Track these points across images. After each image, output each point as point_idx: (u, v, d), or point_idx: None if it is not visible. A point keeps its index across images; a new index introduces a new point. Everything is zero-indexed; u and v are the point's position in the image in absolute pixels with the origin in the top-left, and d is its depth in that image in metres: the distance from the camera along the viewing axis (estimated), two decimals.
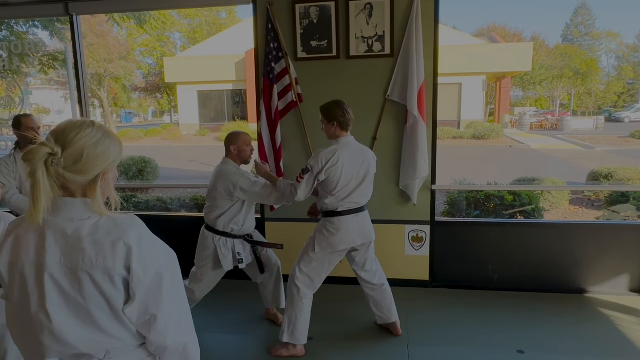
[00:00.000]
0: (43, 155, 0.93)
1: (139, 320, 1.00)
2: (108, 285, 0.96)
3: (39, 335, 0.98)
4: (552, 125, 21.80)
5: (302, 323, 2.57)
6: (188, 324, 1.10)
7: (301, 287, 2.56)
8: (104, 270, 0.95)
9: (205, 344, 2.76)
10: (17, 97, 4.22)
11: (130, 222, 1.01)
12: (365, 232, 2.61)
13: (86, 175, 0.98)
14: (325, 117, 2.52)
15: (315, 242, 2.55)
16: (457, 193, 4.96)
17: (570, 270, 3.36)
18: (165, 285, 1.01)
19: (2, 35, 6.42)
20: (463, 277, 3.49)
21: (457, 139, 16.62)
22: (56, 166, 0.94)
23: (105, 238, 0.96)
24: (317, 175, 2.43)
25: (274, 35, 3.29)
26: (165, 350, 1.05)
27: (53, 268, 0.96)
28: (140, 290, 0.97)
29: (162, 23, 12.74)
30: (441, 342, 2.73)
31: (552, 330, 2.84)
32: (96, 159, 0.98)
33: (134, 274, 0.96)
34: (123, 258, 0.96)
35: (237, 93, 20.55)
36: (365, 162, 2.53)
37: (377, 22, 3.23)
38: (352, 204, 2.52)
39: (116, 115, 30.82)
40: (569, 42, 34.52)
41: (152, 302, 0.99)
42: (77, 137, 0.96)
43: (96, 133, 0.99)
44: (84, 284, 0.95)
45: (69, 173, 0.96)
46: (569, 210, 5.91)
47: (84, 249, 0.95)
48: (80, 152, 0.96)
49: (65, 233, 0.97)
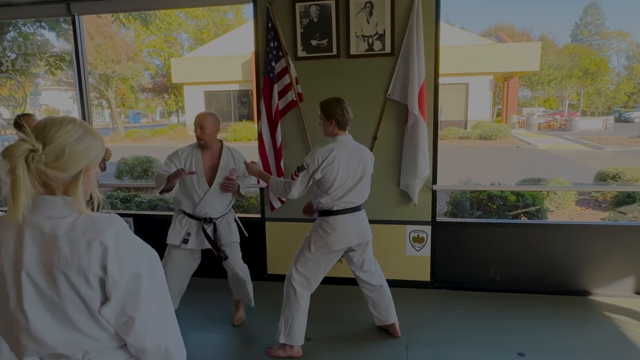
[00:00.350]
0: (23, 151, 0.91)
1: (116, 321, 0.98)
2: (83, 285, 0.94)
3: (17, 333, 0.98)
4: (560, 126, 21.59)
5: (298, 324, 2.55)
6: (170, 326, 1.08)
7: (297, 287, 2.54)
8: (78, 269, 0.93)
9: (198, 343, 2.77)
10: (20, 97, 4.25)
11: (109, 221, 0.99)
12: (362, 232, 2.58)
13: (68, 172, 0.96)
14: (323, 114, 2.48)
15: (311, 242, 2.53)
16: (460, 193, 4.91)
17: (574, 271, 3.31)
18: (144, 286, 0.99)
19: (10, 36, 6.49)
20: (464, 278, 3.45)
21: (463, 139, 16.52)
22: (37, 162, 0.92)
23: (81, 237, 0.94)
24: (312, 173, 2.41)
25: (274, 35, 3.28)
26: (145, 353, 1.02)
27: (30, 266, 0.95)
28: (117, 291, 0.95)
29: (167, 24, 12.82)
30: (441, 343, 2.70)
31: (555, 332, 2.79)
32: (78, 156, 0.97)
33: (109, 274, 0.94)
34: (99, 258, 0.94)
35: (243, 93, 20.61)
36: (362, 161, 2.50)
37: (377, 21, 3.21)
38: (348, 203, 2.49)
39: (124, 116, 31.06)
40: (578, 41, 34.15)
41: (130, 303, 0.97)
42: (58, 134, 0.95)
43: (77, 129, 0.98)
44: (59, 283, 0.94)
45: (50, 170, 0.94)
46: (575, 211, 5.83)
47: (60, 247, 0.94)
48: (61, 149, 0.94)
49: (42, 231, 0.95)
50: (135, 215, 3.94)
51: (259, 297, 3.13)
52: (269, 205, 3.55)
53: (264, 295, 3.33)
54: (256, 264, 3.68)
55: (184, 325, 2.94)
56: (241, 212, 4.96)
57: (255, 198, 4.92)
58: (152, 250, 1.05)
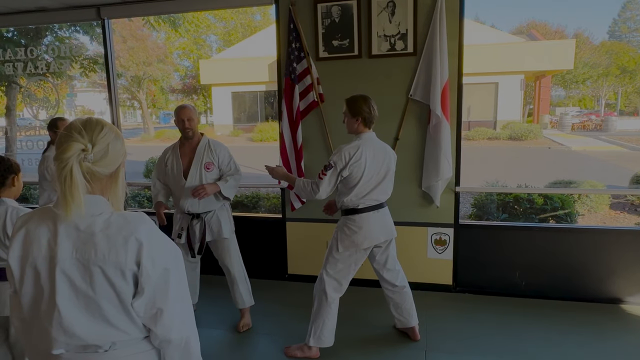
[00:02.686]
0: (77, 151, 0.98)
1: (146, 313, 1.03)
2: (119, 279, 1.00)
3: (47, 327, 1.02)
4: (595, 126, 20.77)
5: (329, 327, 2.54)
6: (190, 320, 1.13)
7: (329, 291, 2.52)
8: (115, 264, 0.99)
9: (216, 340, 2.80)
10: (53, 99, 4.43)
11: (140, 219, 1.05)
12: (388, 229, 2.56)
13: (109, 169, 1.05)
14: (349, 111, 2.46)
15: (338, 242, 2.50)
16: (485, 195, 4.79)
17: (605, 278, 3.18)
18: (172, 281, 1.05)
19: (47, 40, 6.77)
20: (488, 282, 3.37)
21: (492, 140, 16.12)
22: (87, 162, 0.99)
23: (118, 234, 1.00)
24: (340, 171, 2.39)
25: (295, 35, 3.29)
26: (170, 344, 1.08)
27: (65, 262, 0.99)
28: (149, 284, 1.01)
29: (196, 26, 13.07)
30: (461, 350, 2.64)
31: (583, 342, 2.69)
32: (116, 154, 1.06)
33: (143, 268, 1.00)
34: (134, 253, 1.00)
35: (270, 94, 20.76)
36: (386, 159, 2.48)
37: (399, 20, 3.17)
38: (373, 200, 2.47)
39: (155, 117, 31.86)
40: (616, 38, 32.76)
41: (160, 296, 1.03)
42: (102, 133, 1.03)
43: (110, 130, 1.06)
44: (95, 278, 0.99)
45: (97, 167, 1.01)
46: (609, 214, 5.60)
47: (97, 244, 0.99)
48: (105, 147, 1.03)
49: (77, 228, 1.01)
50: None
51: (280, 296, 3.15)
52: (289, 206, 3.56)
53: (285, 295, 3.35)
54: (277, 264, 3.71)
55: (203, 322, 3.01)
56: (263, 212, 5.00)
57: (277, 198, 4.95)
58: (177, 247, 1.11)
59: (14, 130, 7.27)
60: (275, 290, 3.48)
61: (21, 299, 1.05)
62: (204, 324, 3.02)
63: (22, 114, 8.97)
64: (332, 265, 2.53)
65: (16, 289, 1.06)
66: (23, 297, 1.05)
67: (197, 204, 2.74)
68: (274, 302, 3.26)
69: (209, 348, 2.73)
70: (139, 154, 10.94)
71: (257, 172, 10.74)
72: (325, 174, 2.40)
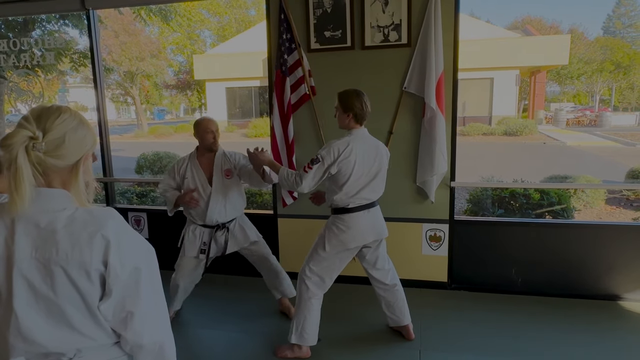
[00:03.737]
0: (24, 139, 0.88)
1: (114, 317, 0.95)
2: (83, 280, 0.91)
3: (5, 333, 0.93)
4: (590, 122, 20.84)
5: (311, 324, 2.46)
6: (165, 323, 1.05)
7: (311, 286, 2.45)
8: (79, 264, 0.90)
9: (206, 341, 2.72)
10: (37, 92, 4.30)
11: (108, 214, 0.96)
12: (378, 229, 2.48)
13: (67, 161, 0.94)
14: (341, 105, 2.37)
15: (325, 240, 2.43)
16: (481, 191, 4.73)
17: (602, 274, 3.12)
18: (144, 281, 0.96)
19: (36, 34, 6.62)
20: (484, 279, 3.30)
21: (487, 136, 16.10)
22: (37, 151, 0.89)
23: (82, 230, 0.91)
24: (328, 167, 2.30)
25: (286, 26, 3.20)
26: (141, 349, 1.00)
27: (23, 262, 0.91)
28: (117, 285, 0.93)
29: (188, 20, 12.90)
30: (457, 348, 2.57)
31: (580, 339, 2.63)
32: (77, 144, 0.95)
33: (111, 268, 0.91)
34: (101, 252, 0.91)
35: (264, 89, 20.62)
36: (378, 157, 2.39)
37: (393, 10, 3.08)
38: (363, 200, 2.39)
39: (150, 113, 31.62)
40: (610, 34, 32.83)
41: (129, 298, 0.95)
42: (57, 121, 0.93)
43: (73, 118, 0.97)
44: (56, 279, 0.90)
45: (51, 158, 0.92)
46: (604, 210, 5.55)
47: (59, 242, 0.90)
48: (61, 137, 0.93)
49: (38, 225, 0.91)
50: (148, 210, 3.93)
51: (271, 294, 3.07)
52: (281, 202, 3.48)
53: None
54: None
55: (193, 323, 2.93)
56: (254, 208, 4.92)
57: (268, 194, 4.86)
58: (149, 245, 1.03)
59: (3, 126, 7.14)
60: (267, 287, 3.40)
61: None
62: (195, 323, 2.94)
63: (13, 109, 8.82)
64: (316, 262, 2.45)
65: None
66: None
67: (224, 212, 2.72)
68: (265, 300, 3.18)
69: (201, 348, 2.66)
70: (132, 150, 10.80)
71: None
72: (311, 168, 2.31)
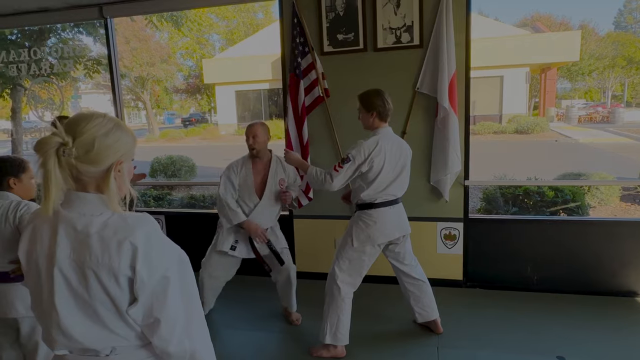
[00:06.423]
0: (54, 144, 0.92)
1: (143, 322, 0.98)
2: (113, 285, 0.94)
3: (49, 327, 0.99)
4: (602, 118, 20.56)
5: (344, 323, 2.50)
6: (199, 331, 1.04)
7: (342, 286, 2.48)
8: (109, 269, 0.93)
9: (235, 342, 2.77)
10: (58, 100, 4.42)
11: (140, 221, 0.98)
12: (402, 225, 2.54)
13: (98, 166, 0.96)
14: (363, 106, 2.43)
15: (353, 236, 2.47)
16: (494, 189, 4.73)
17: (618, 270, 3.12)
18: (172, 289, 0.97)
19: (51, 42, 6.77)
20: (499, 277, 3.32)
21: (498, 134, 16.00)
22: (67, 156, 0.93)
23: (113, 236, 0.94)
24: (359, 166, 2.36)
25: (300, 30, 3.25)
26: (170, 357, 1.01)
27: (62, 262, 0.95)
28: (144, 292, 0.95)
29: (198, 24, 13.03)
30: (474, 345, 2.60)
31: (598, 336, 2.63)
32: (107, 149, 0.96)
33: (138, 275, 0.93)
34: (128, 258, 0.93)
35: (273, 92, 20.74)
36: (403, 154, 2.47)
37: (405, 12, 3.12)
38: (389, 195, 2.45)
39: (160, 117, 31.91)
40: (621, 29, 32.42)
41: (157, 305, 0.96)
42: (87, 127, 0.95)
43: (107, 123, 0.98)
44: (90, 282, 0.94)
45: (81, 164, 0.94)
46: (619, 207, 5.52)
47: (91, 246, 0.94)
48: (91, 142, 0.94)
49: (75, 228, 0.96)
50: (166, 213, 4.01)
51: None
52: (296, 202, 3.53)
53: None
54: None
55: (221, 324, 2.98)
56: None
57: None
58: (182, 253, 1.03)
59: (20, 132, 7.31)
60: None
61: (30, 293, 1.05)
62: (221, 323, 3.00)
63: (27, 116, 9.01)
64: (345, 260, 2.49)
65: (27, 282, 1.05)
66: (29, 290, 1.04)
67: (264, 220, 2.78)
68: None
69: (224, 348, 2.70)
70: (143, 154, 10.95)
71: None
72: (342, 167, 2.37)
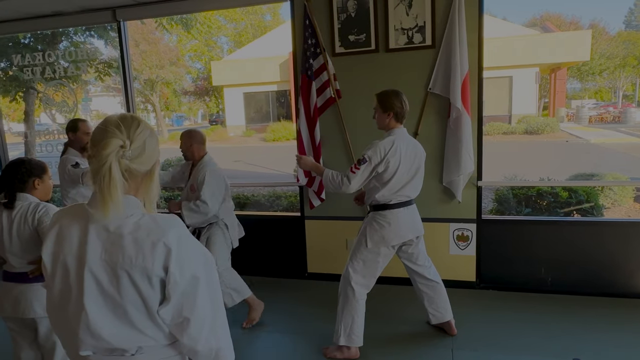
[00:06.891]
0: (116, 147, 0.95)
1: (172, 321, 0.99)
2: (145, 285, 0.95)
3: (75, 327, 0.99)
4: (614, 118, 20.32)
5: (358, 325, 2.50)
6: (223, 330, 1.07)
7: (357, 288, 2.48)
8: (142, 270, 0.94)
9: (247, 342, 2.78)
10: (71, 102, 4.47)
11: (171, 222, 1.00)
12: (416, 226, 2.54)
13: (145, 167, 1.01)
14: (380, 106, 2.43)
15: (367, 237, 2.47)
16: (507, 190, 4.70)
17: (634, 272, 3.08)
18: (201, 289, 0.99)
19: (63, 45, 6.85)
20: (513, 278, 3.29)
21: (508, 135, 15.88)
22: (126, 159, 0.96)
23: (146, 237, 0.95)
24: (375, 166, 2.36)
25: (311, 31, 3.26)
26: (197, 355, 1.02)
27: (93, 263, 0.96)
28: (176, 292, 0.96)
29: (207, 27, 13.13)
30: (488, 347, 2.58)
31: (613, 338, 2.60)
32: (152, 151, 1.02)
33: (171, 275, 0.95)
34: (162, 259, 0.95)
35: (281, 94, 20.78)
36: (417, 155, 2.47)
37: (417, 13, 3.11)
38: (404, 197, 2.45)
39: (168, 119, 32.12)
40: (632, 28, 32.01)
41: (187, 304, 0.98)
42: (138, 130, 0.99)
43: (146, 126, 1.03)
44: (121, 282, 0.95)
45: (135, 165, 0.98)
46: (633, 207, 5.44)
47: (125, 247, 0.95)
48: (142, 144, 0.99)
49: (107, 229, 0.97)
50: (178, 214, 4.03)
51: (300, 295, 3.12)
52: (308, 203, 3.53)
53: (305, 295, 3.31)
54: (296, 262, 3.68)
55: (232, 324, 2.99)
56: (281, 210, 4.99)
57: (294, 196, 4.93)
58: (207, 253, 1.06)
59: (33, 135, 7.39)
60: (295, 289, 3.46)
61: (50, 295, 1.04)
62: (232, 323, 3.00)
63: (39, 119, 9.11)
64: (359, 261, 2.49)
65: (49, 285, 1.04)
66: (52, 293, 1.03)
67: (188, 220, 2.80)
68: (295, 301, 3.23)
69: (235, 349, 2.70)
70: None
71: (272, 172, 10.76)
72: (359, 168, 2.37)
